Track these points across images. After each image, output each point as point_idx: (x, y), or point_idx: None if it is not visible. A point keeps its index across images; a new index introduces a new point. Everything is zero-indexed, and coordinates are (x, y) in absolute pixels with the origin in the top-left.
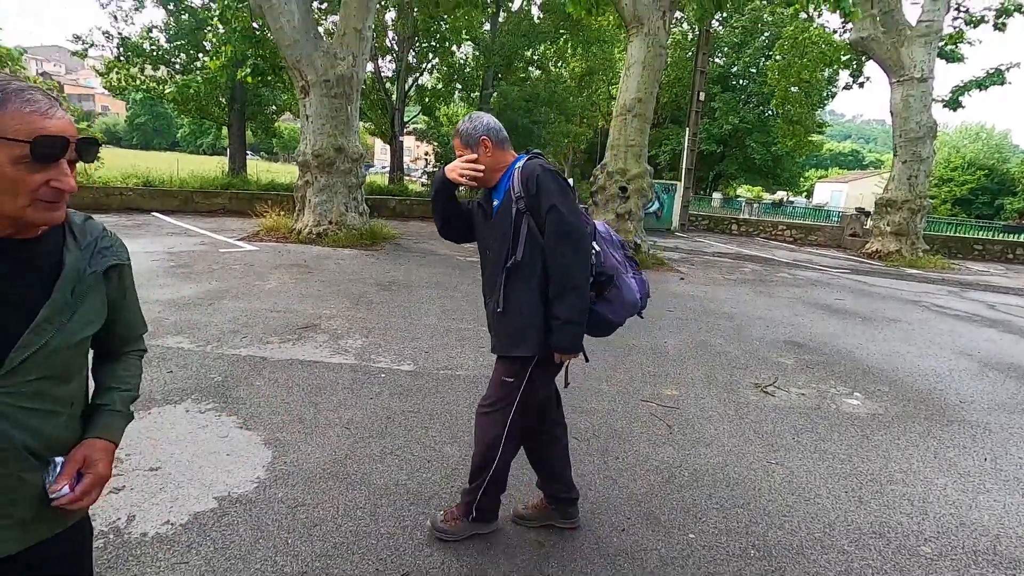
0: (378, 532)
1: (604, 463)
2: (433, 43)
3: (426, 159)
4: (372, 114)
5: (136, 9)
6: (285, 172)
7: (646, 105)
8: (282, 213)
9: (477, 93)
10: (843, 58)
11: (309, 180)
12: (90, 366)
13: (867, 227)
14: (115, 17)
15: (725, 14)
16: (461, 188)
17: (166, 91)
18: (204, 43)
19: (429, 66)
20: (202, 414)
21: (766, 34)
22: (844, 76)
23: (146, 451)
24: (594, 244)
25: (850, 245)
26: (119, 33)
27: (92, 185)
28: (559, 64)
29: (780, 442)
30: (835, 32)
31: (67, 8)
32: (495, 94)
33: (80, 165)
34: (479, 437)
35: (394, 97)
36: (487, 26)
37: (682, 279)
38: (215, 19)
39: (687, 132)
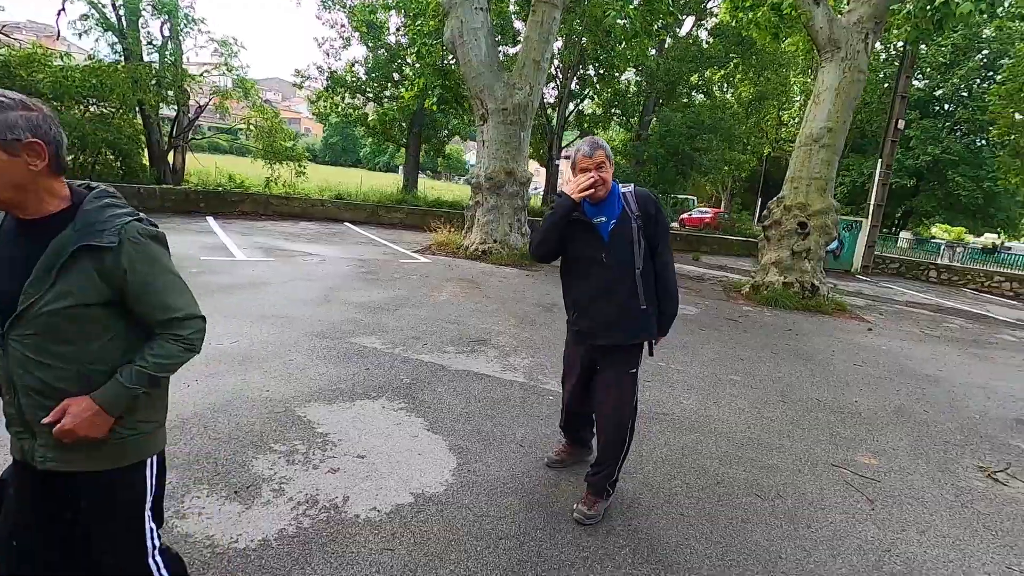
0: (559, 558)
1: (795, 530)
2: (600, 70)
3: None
4: (532, 139)
5: (344, 47)
6: (448, 190)
7: (836, 136)
8: (452, 230)
9: (636, 119)
10: None
11: (479, 201)
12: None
13: None
14: (327, 54)
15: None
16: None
17: (369, 119)
18: (394, 75)
19: (590, 92)
20: (395, 412)
21: (984, 52)
22: None
23: (354, 439)
24: None
25: None
26: (329, 67)
27: (299, 196)
28: (725, 89)
29: (1023, 545)
30: None
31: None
32: (654, 119)
33: (287, 178)
34: (619, 426)
35: (553, 122)
36: (652, 51)
37: (870, 330)
38: (412, 54)
39: (879, 164)
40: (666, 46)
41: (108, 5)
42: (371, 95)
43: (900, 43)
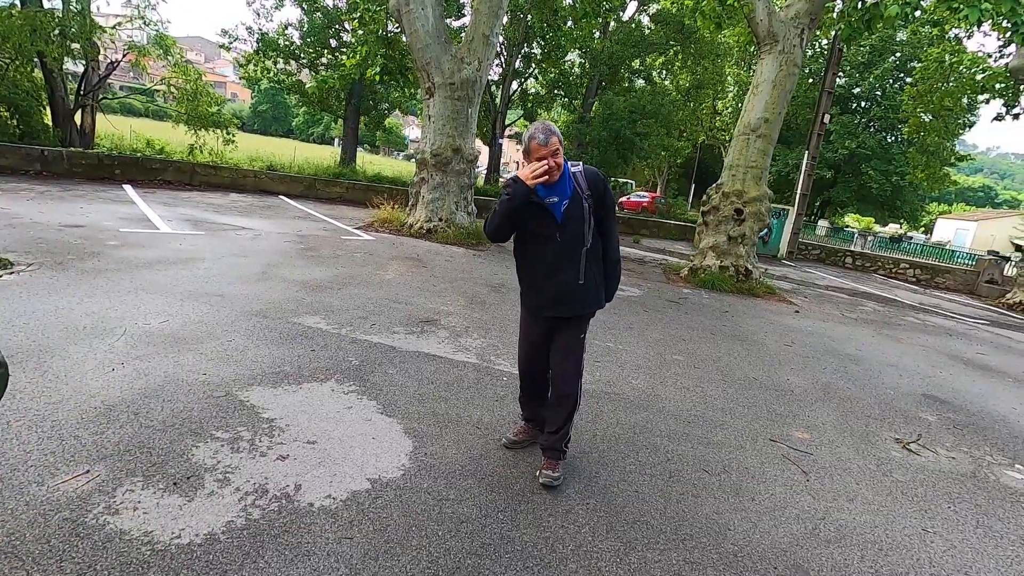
0: (521, 539)
1: (740, 503)
2: (545, 50)
3: (519, 162)
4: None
5: (276, 7)
6: (388, 165)
7: (772, 126)
8: (395, 206)
9: (580, 101)
10: (998, 86)
11: (424, 177)
12: None
13: (1008, 274)
14: (257, 14)
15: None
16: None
17: (307, 87)
18: (331, 41)
19: (535, 71)
20: (346, 395)
21: (897, 55)
22: (995, 106)
23: (303, 424)
24: None
25: (986, 293)
26: (259, 29)
27: (228, 166)
28: (664, 76)
29: (935, 509)
30: (990, 56)
31: (208, 5)
32: (597, 102)
33: (213, 146)
34: (571, 389)
35: (498, 100)
36: (597, 33)
37: (797, 312)
38: (354, 20)
39: (806, 155)
40: (610, 29)
41: None
42: (306, 61)
43: (825, 41)
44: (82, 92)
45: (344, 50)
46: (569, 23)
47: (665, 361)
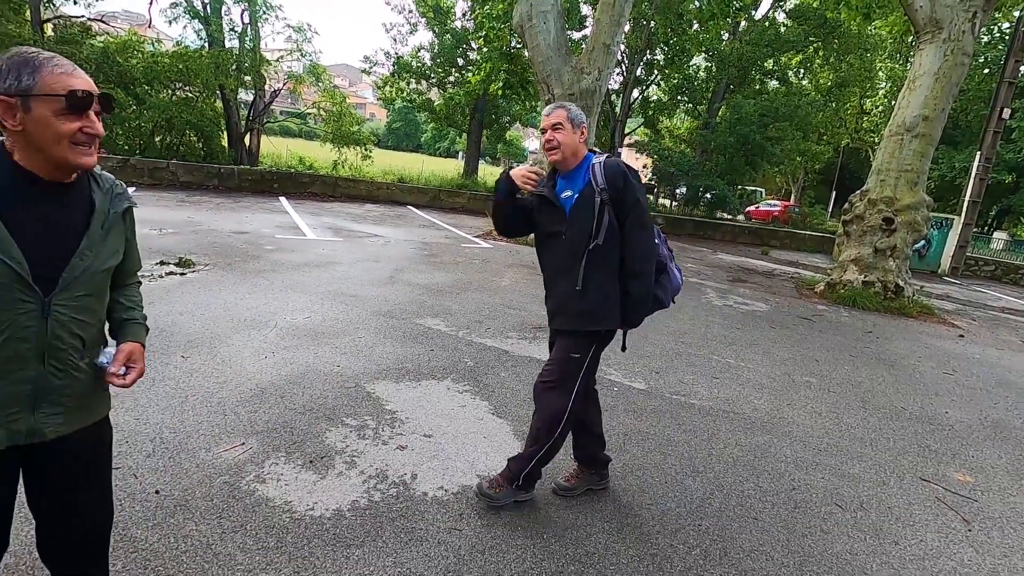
0: (626, 552)
1: (880, 545)
2: (669, 55)
3: (639, 172)
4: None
5: (411, 33)
6: None
7: (933, 125)
8: None
9: (704, 106)
10: None
11: None
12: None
13: None
14: (394, 40)
15: None
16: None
17: (435, 104)
18: (458, 60)
19: (657, 78)
20: (460, 394)
21: None
22: None
23: (421, 418)
24: None
25: None
26: (395, 53)
27: (364, 179)
28: (802, 75)
29: None
30: None
31: (354, 34)
32: (723, 106)
33: (353, 161)
34: (542, 410)
35: (617, 109)
36: (725, 35)
37: (961, 336)
38: (479, 39)
39: (978, 156)
40: (740, 29)
41: None
42: (435, 80)
43: (1007, 24)
44: (251, 117)
45: (470, 68)
46: (695, 26)
47: (793, 382)
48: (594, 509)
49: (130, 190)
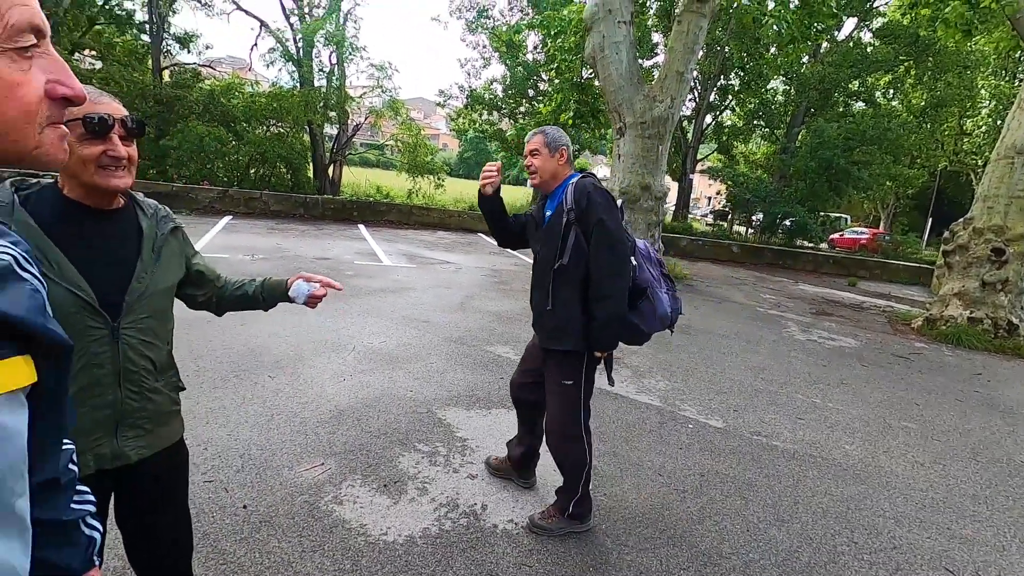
0: None
1: None
2: (745, 79)
3: (712, 198)
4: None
5: (484, 66)
6: None
7: None
8: None
9: (783, 130)
10: None
11: None
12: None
13: None
14: (468, 74)
15: None
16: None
17: (507, 134)
18: (529, 91)
19: (731, 103)
20: None
21: None
22: None
23: (491, 447)
24: (632, 259)
25: None
26: (469, 86)
27: (437, 207)
28: (892, 95)
29: None
30: None
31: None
32: (803, 130)
33: (427, 190)
34: (563, 457)
35: (689, 135)
36: (805, 57)
37: None
38: (550, 71)
39: None
40: (822, 51)
41: (290, 40)
42: (507, 111)
43: None
44: (334, 149)
45: (541, 98)
46: (772, 50)
47: (889, 427)
48: (669, 555)
49: (226, 218)
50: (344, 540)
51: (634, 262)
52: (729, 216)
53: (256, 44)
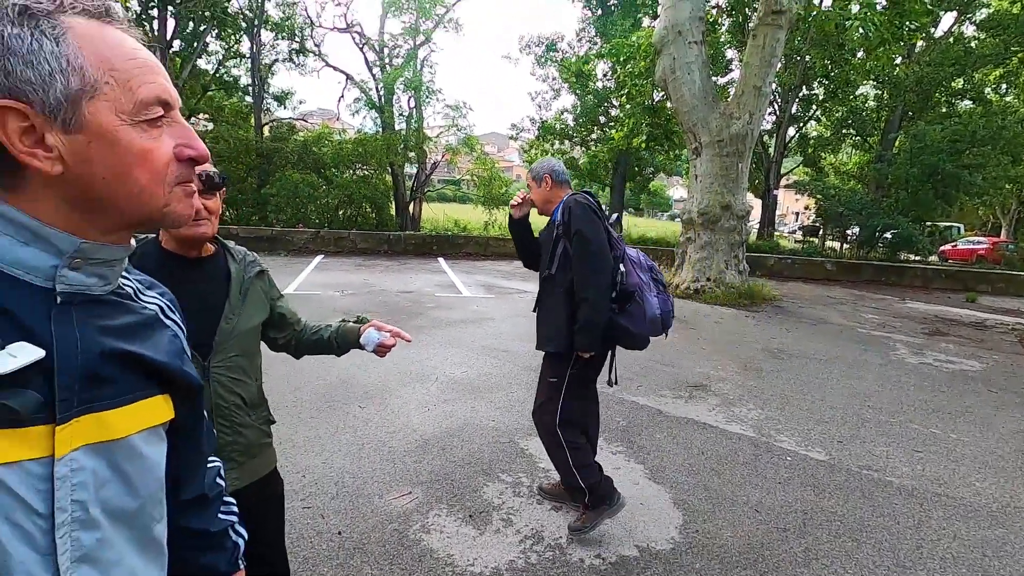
0: None
1: None
2: (830, 88)
3: (800, 214)
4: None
5: (554, 98)
6: (652, 226)
7: None
8: (661, 268)
9: (876, 137)
10: None
11: (691, 237)
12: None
13: None
14: (539, 106)
15: None
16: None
17: (580, 162)
18: (600, 118)
19: (816, 113)
20: (613, 455)
21: None
22: None
23: None
24: (620, 266)
25: None
26: (540, 118)
27: (502, 237)
28: (1006, 91)
29: None
30: None
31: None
32: (901, 136)
33: (502, 221)
34: (539, 430)
35: (771, 150)
36: (898, 59)
37: None
38: (621, 96)
39: None
40: (916, 50)
41: (373, 89)
42: (578, 140)
43: None
44: (414, 187)
45: (612, 124)
46: (859, 54)
47: None
48: None
49: (319, 257)
50: (432, 570)
51: (623, 268)
52: (820, 231)
53: (343, 95)
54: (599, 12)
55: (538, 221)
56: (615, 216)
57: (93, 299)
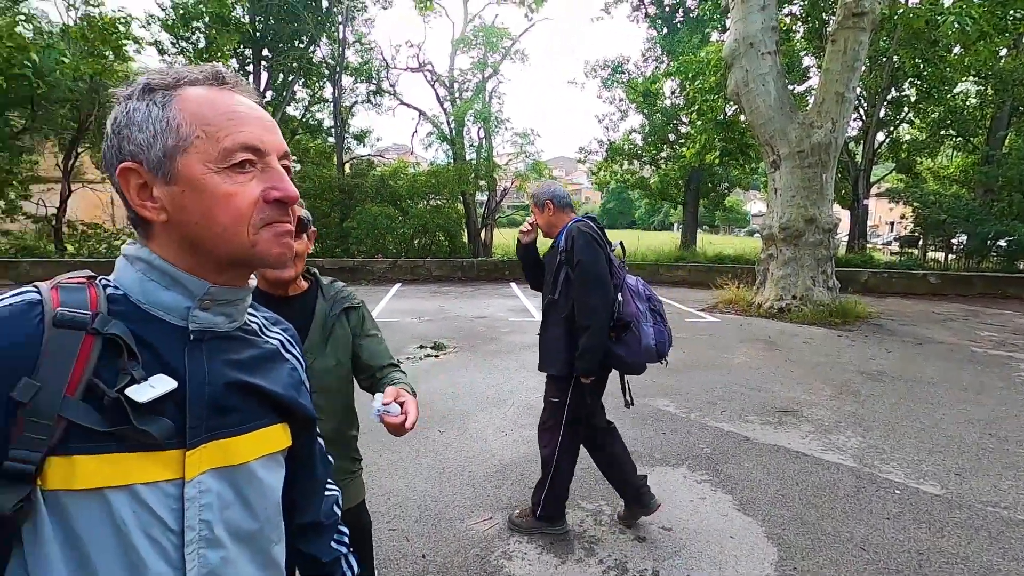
0: None
1: None
2: (922, 88)
3: (895, 224)
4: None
5: (621, 119)
6: (728, 244)
7: None
8: (740, 286)
9: (982, 136)
10: None
11: (773, 253)
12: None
13: None
14: (606, 128)
15: None
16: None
17: (651, 181)
18: (669, 136)
19: (908, 115)
20: (698, 484)
21: None
22: None
23: (659, 508)
24: (619, 295)
25: None
26: (608, 140)
27: None
28: None
29: None
30: None
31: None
32: (1010, 133)
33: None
34: (540, 446)
35: (858, 157)
36: (1002, 51)
37: None
38: (691, 113)
39: None
40: None
41: (444, 123)
42: (647, 159)
43: None
44: (485, 215)
45: (682, 141)
46: (956, 50)
47: None
48: None
49: (396, 286)
50: None
51: (620, 297)
52: (920, 242)
53: (416, 130)
54: (665, 31)
55: (543, 242)
56: (617, 243)
57: (221, 335)
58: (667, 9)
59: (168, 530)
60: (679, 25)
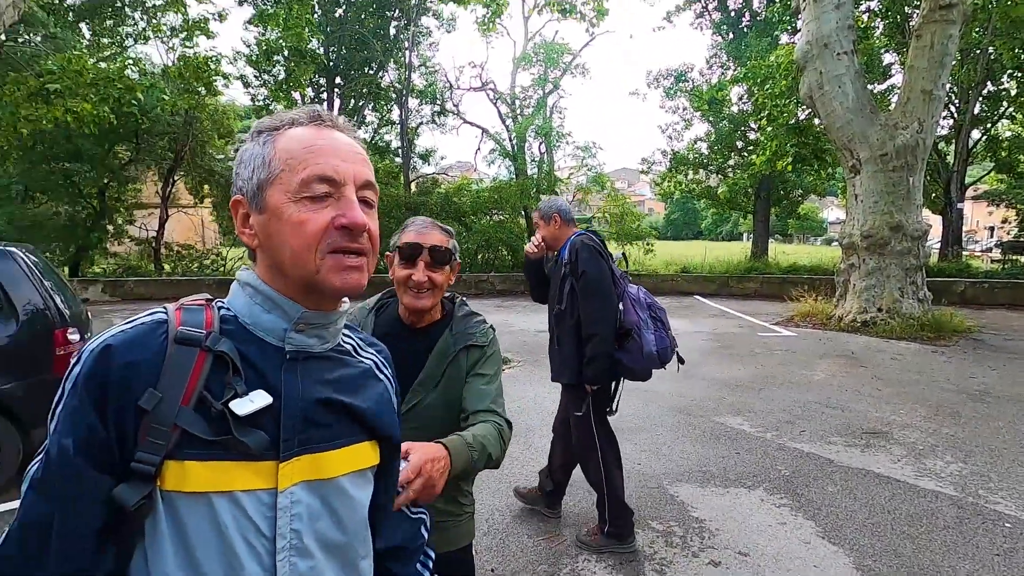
0: None
1: None
2: (1023, 80)
3: (995, 228)
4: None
5: (685, 128)
6: (803, 253)
7: None
8: (817, 298)
9: None
10: None
11: (854, 263)
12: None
13: None
14: (670, 138)
15: None
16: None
17: (719, 190)
18: (737, 143)
19: (1008, 111)
20: (777, 508)
21: None
22: None
23: (733, 531)
24: (620, 304)
25: None
26: (671, 150)
27: (648, 272)
28: None
29: None
30: None
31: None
32: None
33: (636, 256)
34: (587, 476)
35: (949, 158)
36: None
37: None
38: (760, 119)
39: None
40: None
41: (506, 139)
42: (714, 168)
43: None
44: None
45: (751, 148)
46: None
47: None
48: None
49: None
50: None
51: (622, 306)
52: None
53: (479, 148)
54: (730, 36)
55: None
56: (620, 254)
57: (315, 355)
58: (732, 14)
59: (262, 536)
60: (745, 30)
